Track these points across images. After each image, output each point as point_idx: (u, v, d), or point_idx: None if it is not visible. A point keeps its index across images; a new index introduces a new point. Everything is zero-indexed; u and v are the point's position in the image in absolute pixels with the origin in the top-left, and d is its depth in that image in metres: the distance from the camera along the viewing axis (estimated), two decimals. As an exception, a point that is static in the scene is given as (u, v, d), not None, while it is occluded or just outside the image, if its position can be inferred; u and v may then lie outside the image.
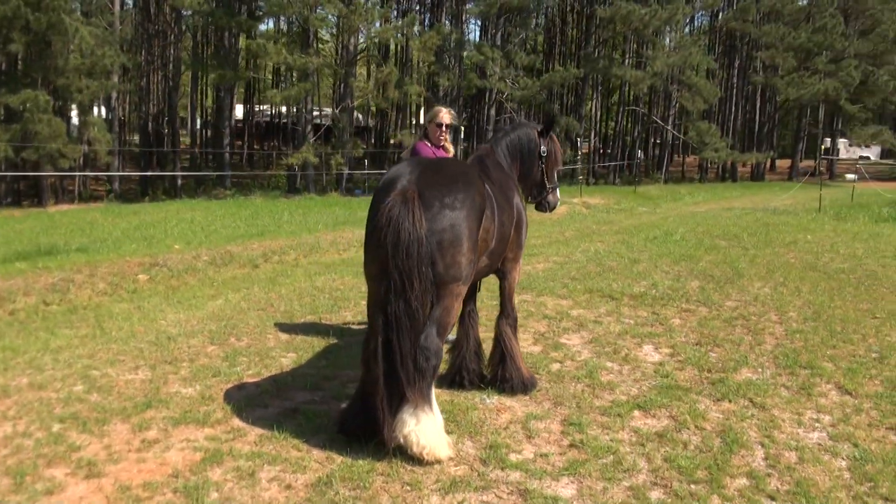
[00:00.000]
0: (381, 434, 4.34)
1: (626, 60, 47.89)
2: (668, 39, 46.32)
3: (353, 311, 8.46)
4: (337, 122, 37.54)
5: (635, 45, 49.00)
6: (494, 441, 4.64)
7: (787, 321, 7.73)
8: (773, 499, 3.98)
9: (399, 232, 4.21)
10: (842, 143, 57.22)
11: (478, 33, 53.16)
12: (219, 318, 7.96)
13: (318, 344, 6.93)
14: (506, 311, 5.62)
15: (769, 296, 8.96)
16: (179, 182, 36.83)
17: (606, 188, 39.84)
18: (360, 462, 4.27)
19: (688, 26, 56.46)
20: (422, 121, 57.10)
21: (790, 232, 15.01)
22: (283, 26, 49.98)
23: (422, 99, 44.34)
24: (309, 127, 37.61)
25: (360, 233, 17.71)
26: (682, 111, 48.94)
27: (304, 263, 13.06)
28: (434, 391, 4.44)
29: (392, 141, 53.17)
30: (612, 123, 61.51)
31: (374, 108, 52.83)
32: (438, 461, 4.29)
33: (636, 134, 53.88)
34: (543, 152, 5.86)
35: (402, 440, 4.29)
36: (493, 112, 42.85)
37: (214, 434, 4.69)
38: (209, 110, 53.52)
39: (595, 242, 14.13)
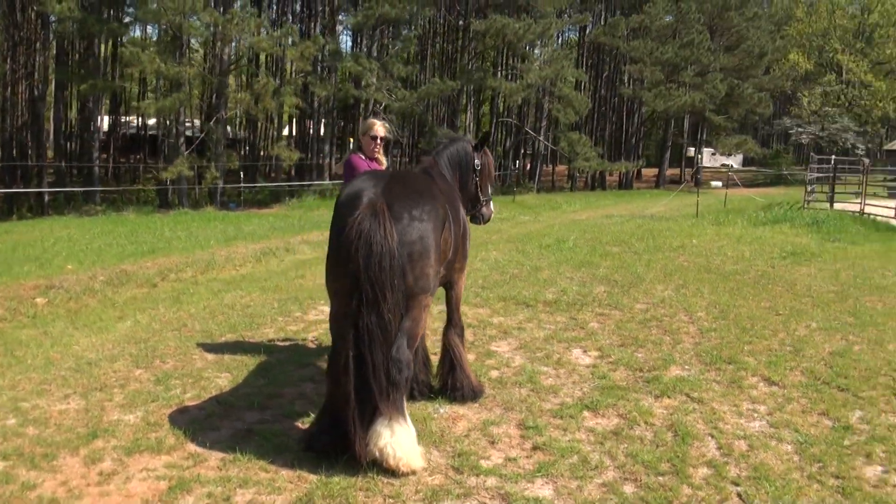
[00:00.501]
0: (352, 449, 4.32)
1: (500, 73, 49.07)
2: (539, 52, 47.78)
3: (273, 327, 8.30)
4: (211, 134, 36.43)
5: (504, 58, 50.34)
6: (461, 449, 4.71)
7: (698, 321, 8.20)
8: (736, 484, 4.26)
9: (371, 245, 4.22)
10: (706, 151, 60.80)
11: (349, 44, 53.19)
12: (135, 341, 7.61)
13: (249, 362, 6.75)
14: (453, 321, 5.71)
15: (674, 298, 9.45)
16: (46, 198, 34.69)
17: (486, 197, 40.51)
18: (336, 478, 4.23)
19: (558, 40, 58.63)
20: (294, 132, 56.42)
21: (675, 237, 15.82)
22: (152, 34, 48.20)
23: (295, 110, 43.81)
24: (182, 139, 36.33)
25: (254, 247, 17.23)
26: (552, 122, 50.61)
27: (203, 281, 12.62)
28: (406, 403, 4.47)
29: (263, 153, 52.18)
30: (486, 134, 62.69)
31: (243, 120, 51.72)
32: (413, 472, 4.31)
33: (508, 145, 55.28)
34: (478, 165, 6.00)
35: (377, 453, 4.29)
36: (370, 123, 42.74)
37: (173, 461, 4.52)
38: (73, 122, 50.77)
39: (490, 251, 14.36)
